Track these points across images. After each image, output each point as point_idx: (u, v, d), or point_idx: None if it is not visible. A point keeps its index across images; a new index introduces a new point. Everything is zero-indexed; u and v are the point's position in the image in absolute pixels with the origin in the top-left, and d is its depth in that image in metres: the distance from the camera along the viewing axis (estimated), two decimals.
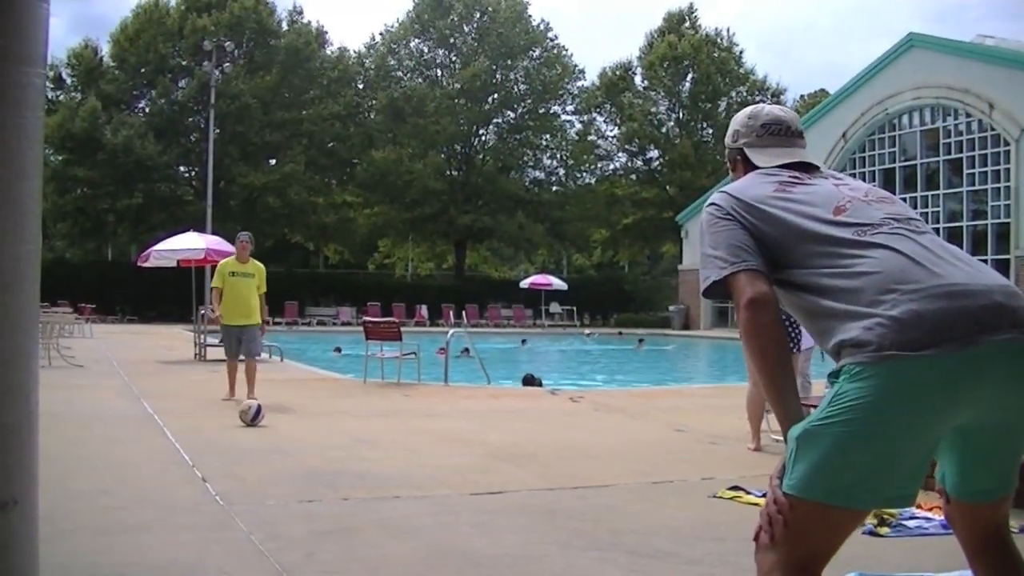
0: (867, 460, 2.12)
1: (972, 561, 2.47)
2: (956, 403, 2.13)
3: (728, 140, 2.84)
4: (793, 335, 7.80)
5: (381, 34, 51.29)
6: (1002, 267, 28.65)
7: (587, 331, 36.98)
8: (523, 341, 30.60)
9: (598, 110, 51.37)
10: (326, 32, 48.43)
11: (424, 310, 42.08)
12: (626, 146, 50.85)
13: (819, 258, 2.31)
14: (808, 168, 2.61)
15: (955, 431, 2.27)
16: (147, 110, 45.26)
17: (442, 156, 49.24)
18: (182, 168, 46.21)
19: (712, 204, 2.50)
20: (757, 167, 2.66)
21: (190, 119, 44.78)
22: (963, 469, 2.37)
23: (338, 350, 22.94)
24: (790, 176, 2.54)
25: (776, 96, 51.12)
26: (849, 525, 2.23)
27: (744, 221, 2.41)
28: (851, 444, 2.11)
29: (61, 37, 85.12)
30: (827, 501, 2.14)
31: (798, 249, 2.35)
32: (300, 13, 48.12)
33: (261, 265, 11.67)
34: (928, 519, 5.14)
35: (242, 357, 11.36)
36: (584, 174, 52.64)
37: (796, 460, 2.18)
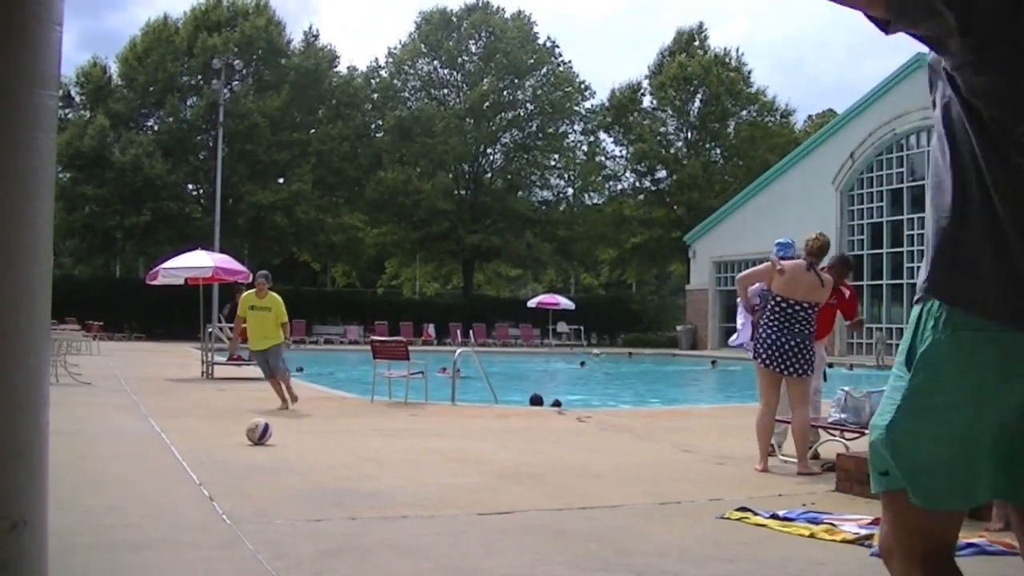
0: None
1: None
2: None
3: None
4: (807, 358, 7.72)
5: (388, 55, 51.65)
6: None
7: (595, 351, 36.84)
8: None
9: (607, 131, 51.54)
10: (337, 55, 48.81)
11: (431, 329, 42.08)
12: (635, 166, 50.97)
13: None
14: None
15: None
16: (156, 128, 45.37)
17: (450, 176, 49.41)
18: (190, 186, 46.40)
19: None
20: None
21: (198, 137, 44.97)
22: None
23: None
24: None
25: (785, 117, 51.22)
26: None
27: None
28: None
29: (70, 54, 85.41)
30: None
31: None
32: (315, 36, 48.49)
33: (278, 297, 13.26)
34: None
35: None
36: (592, 194, 52.77)
37: None
